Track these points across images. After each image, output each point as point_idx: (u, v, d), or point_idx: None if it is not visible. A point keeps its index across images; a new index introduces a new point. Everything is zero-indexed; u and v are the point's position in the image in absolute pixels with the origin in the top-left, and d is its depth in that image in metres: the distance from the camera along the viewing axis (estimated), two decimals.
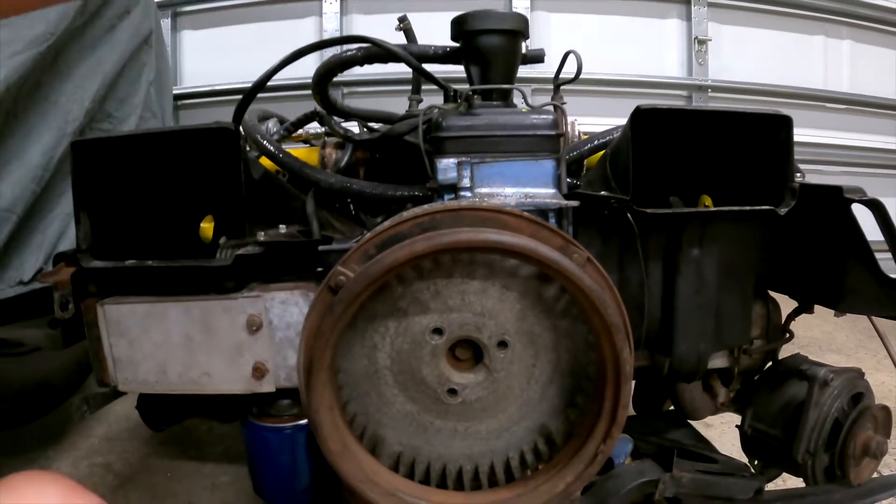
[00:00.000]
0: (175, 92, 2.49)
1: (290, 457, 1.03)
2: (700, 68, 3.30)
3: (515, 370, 0.85)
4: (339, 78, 1.17)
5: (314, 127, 1.30)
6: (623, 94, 3.21)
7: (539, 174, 0.91)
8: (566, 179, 0.95)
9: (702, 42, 3.27)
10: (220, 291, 0.96)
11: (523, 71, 1.12)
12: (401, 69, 1.08)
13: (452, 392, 0.85)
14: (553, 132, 0.91)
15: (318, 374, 0.75)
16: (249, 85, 1.09)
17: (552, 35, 3.21)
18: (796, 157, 0.98)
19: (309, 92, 1.15)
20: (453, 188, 0.88)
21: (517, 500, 0.83)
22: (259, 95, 1.11)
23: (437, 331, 0.83)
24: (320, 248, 0.90)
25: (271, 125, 1.27)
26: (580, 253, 0.75)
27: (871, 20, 3.48)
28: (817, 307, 1.17)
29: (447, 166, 0.87)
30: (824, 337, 2.40)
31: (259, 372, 0.95)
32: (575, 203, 0.89)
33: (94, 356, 1.04)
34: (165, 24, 2.87)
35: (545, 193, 0.91)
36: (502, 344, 0.83)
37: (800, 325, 1.28)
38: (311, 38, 1.77)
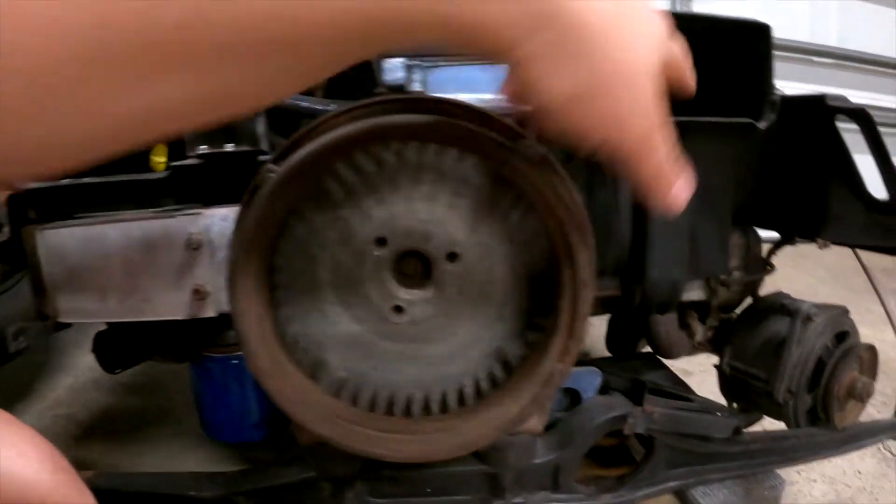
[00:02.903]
0: None
1: (238, 389, 0.98)
2: None
3: (467, 286, 0.79)
4: None
5: None
6: None
7: (496, 80, 0.84)
8: None
9: None
10: (159, 211, 0.90)
11: None
12: None
13: (398, 310, 0.78)
14: None
15: (243, 278, 0.69)
16: None
17: None
18: None
19: None
20: (402, 91, 0.82)
21: (465, 426, 0.77)
22: None
23: (381, 241, 0.76)
24: (260, 158, 0.84)
25: None
26: (534, 147, 0.68)
27: None
28: (800, 262, 1.11)
29: (394, 66, 0.81)
30: (807, 290, 2.35)
31: (199, 295, 0.89)
32: (530, 107, 0.82)
33: (34, 285, 0.99)
34: None
35: (501, 100, 0.84)
36: (452, 256, 0.77)
37: (781, 279, 1.22)
38: None
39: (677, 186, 0.52)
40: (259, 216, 0.66)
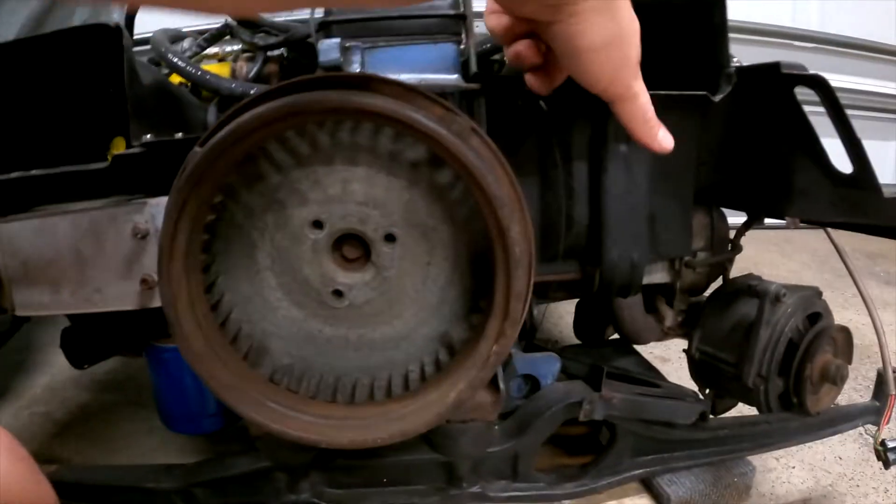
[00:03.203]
0: None
1: (194, 379, 0.97)
2: None
3: (408, 268, 0.77)
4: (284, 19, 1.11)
5: (234, 46, 1.22)
6: None
7: (438, 58, 0.83)
8: (476, 67, 0.87)
9: None
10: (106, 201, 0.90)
11: None
12: None
13: (338, 294, 0.77)
14: (452, 12, 0.83)
15: (171, 262, 0.67)
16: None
17: None
18: None
19: None
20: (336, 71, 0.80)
21: (403, 411, 0.75)
22: None
23: (317, 224, 0.75)
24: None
25: (186, 44, 1.19)
26: (460, 121, 0.67)
27: None
28: (784, 247, 1.09)
29: (329, 46, 0.79)
30: (791, 275, 2.29)
31: (147, 284, 0.88)
32: (475, 86, 0.80)
33: None
34: None
35: (445, 79, 0.82)
36: (390, 237, 0.75)
37: (765, 265, 1.19)
38: None
39: (663, 130, 0.70)
40: (184, 197, 0.65)
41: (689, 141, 0.93)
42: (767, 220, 1.12)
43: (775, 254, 2.37)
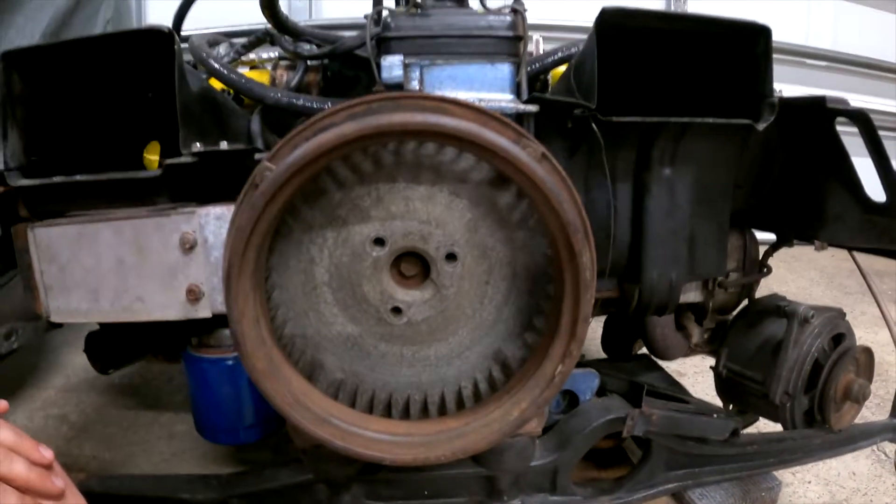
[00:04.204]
0: None
1: (233, 390, 0.97)
2: None
3: (466, 287, 0.78)
4: (308, 22, 1.10)
5: (269, 53, 1.22)
6: None
7: (495, 79, 0.84)
8: (527, 88, 0.88)
9: None
10: (152, 209, 0.89)
11: None
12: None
13: (397, 311, 0.78)
14: (511, 34, 0.84)
15: (240, 278, 0.67)
16: (216, 30, 1.01)
17: None
18: None
19: None
20: (400, 89, 0.81)
21: (465, 429, 0.76)
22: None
23: (379, 241, 0.75)
24: (257, 156, 0.83)
25: (222, 49, 1.19)
26: (534, 146, 0.68)
27: None
28: (793, 264, 1.11)
29: (391, 64, 0.80)
30: (800, 292, 2.35)
31: (193, 295, 0.88)
32: (534, 108, 0.82)
33: (25, 285, 0.98)
34: None
35: (501, 98, 0.83)
36: (451, 256, 0.76)
37: (774, 281, 1.22)
38: None
39: None
40: (256, 215, 0.65)
41: (729, 166, 0.95)
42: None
43: (784, 270, 2.43)
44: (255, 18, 1.16)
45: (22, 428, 0.71)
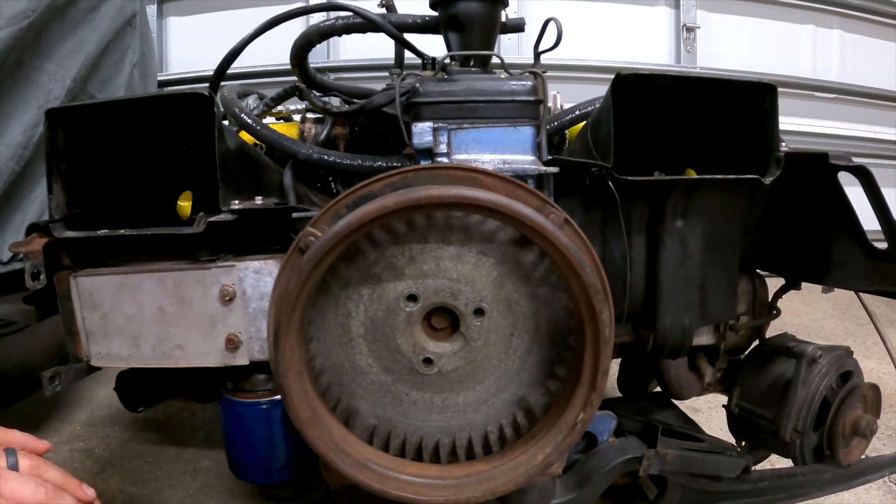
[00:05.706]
0: (160, 78, 2.46)
1: (266, 433, 1.01)
2: (688, 56, 3.28)
3: (493, 339, 0.83)
4: (326, 63, 1.15)
5: (295, 105, 1.28)
6: (609, 82, 3.20)
7: (518, 141, 0.89)
8: (546, 148, 0.93)
9: (690, 29, 3.25)
10: (193, 262, 0.94)
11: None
12: (387, 54, 1.06)
13: (428, 361, 0.83)
14: (532, 98, 0.89)
15: (286, 336, 0.72)
16: (236, 71, 1.06)
17: (537, 22, 3.19)
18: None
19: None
20: (430, 153, 0.86)
21: (493, 472, 0.81)
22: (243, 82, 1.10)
23: (412, 297, 0.80)
24: (294, 214, 0.88)
25: (251, 101, 1.25)
26: (557, 213, 0.73)
27: (861, 10, 3.47)
28: (805, 296, 1.16)
29: (422, 130, 0.85)
30: (813, 325, 2.39)
31: (232, 344, 0.93)
32: (554, 169, 0.87)
33: (67, 330, 1.02)
34: (151, 10, 2.84)
35: (524, 160, 0.89)
36: (479, 311, 0.81)
37: (788, 313, 1.26)
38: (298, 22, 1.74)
39: None
40: (303, 279, 0.70)
41: (738, 217, 1.00)
42: None
43: (797, 302, 2.47)
44: (280, 59, 1.20)
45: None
